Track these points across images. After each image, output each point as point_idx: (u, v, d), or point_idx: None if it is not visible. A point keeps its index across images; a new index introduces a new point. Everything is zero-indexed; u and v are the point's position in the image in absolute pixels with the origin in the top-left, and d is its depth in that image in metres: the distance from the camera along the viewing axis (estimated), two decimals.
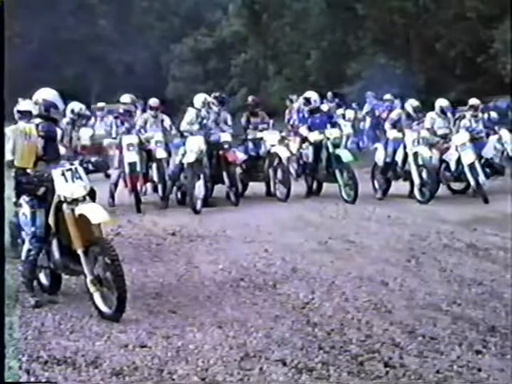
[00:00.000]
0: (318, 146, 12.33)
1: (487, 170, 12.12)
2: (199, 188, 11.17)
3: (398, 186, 12.43)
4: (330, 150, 12.15)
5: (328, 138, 12.20)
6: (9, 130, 8.48)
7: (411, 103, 12.55)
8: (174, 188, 11.91)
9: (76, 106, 14.36)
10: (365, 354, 5.10)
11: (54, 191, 6.13)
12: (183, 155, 11.58)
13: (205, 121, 12.04)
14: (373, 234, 9.28)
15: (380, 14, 24.53)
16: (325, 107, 14.40)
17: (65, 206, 6.08)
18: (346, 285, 6.89)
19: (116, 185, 11.83)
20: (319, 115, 12.71)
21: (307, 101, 12.87)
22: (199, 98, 12.25)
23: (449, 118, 12.83)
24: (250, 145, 12.79)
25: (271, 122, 13.28)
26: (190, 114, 12.15)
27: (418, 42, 24.83)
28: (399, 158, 12.11)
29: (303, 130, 12.68)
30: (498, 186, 12.57)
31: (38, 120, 6.40)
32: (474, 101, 12.88)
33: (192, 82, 30.39)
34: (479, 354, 5.11)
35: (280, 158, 12.34)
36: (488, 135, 12.66)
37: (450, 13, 23.68)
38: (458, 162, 12.02)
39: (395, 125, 12.30)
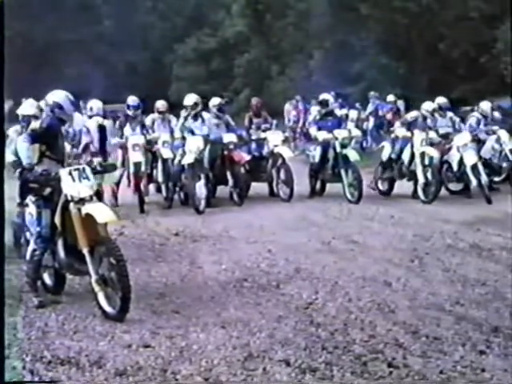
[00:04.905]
0: (325, 146, 12.32)
1: (485, 170, 12.09)
2: (200, 188, 11.18)
3: (402, 186, 12.43)
4: (338, 149, 12.14)
5: (336, 138, 12.20)
6: (12, 131, 8.50)
7: (424, 107, 12.54)
8: (177, 188, 11.90)
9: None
10: (368, 355, 5.10)
11: (60, 191, 6.14)
12: (183, 156, 11.59)
13: (206, 122, 12.04)
14: (376, 234, 9.28)
15: (383, 14, 24.50)
16: (338, 111, 14.35)
17: (71, 205, 6.09)
18: (350, 285, 6.89)
19: (118, 184, 11.84)
20: (331, 118, 12.69)
21: (323, 103, 12.85)
22: (191, 99, 12.18)
23: (451, 117, 12.81)
24: (253, 145, 12.80)
25: (274, 122, 13.27)
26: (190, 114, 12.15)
27: (421, 42, 24.78)
28: (406, 156, 12.13)
29: (313, 131, 12.68)
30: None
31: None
32: (485, 104, 12.97)
33: (195, 82, 30.35)
34: (483, 355, 5.11)
35: (283, 158, 12.34)
36: (487, 135, 12.68)
37: (452, 13, 23.66)
38: (460, 162, 12.01)
39: (404, 124, 12.33)
